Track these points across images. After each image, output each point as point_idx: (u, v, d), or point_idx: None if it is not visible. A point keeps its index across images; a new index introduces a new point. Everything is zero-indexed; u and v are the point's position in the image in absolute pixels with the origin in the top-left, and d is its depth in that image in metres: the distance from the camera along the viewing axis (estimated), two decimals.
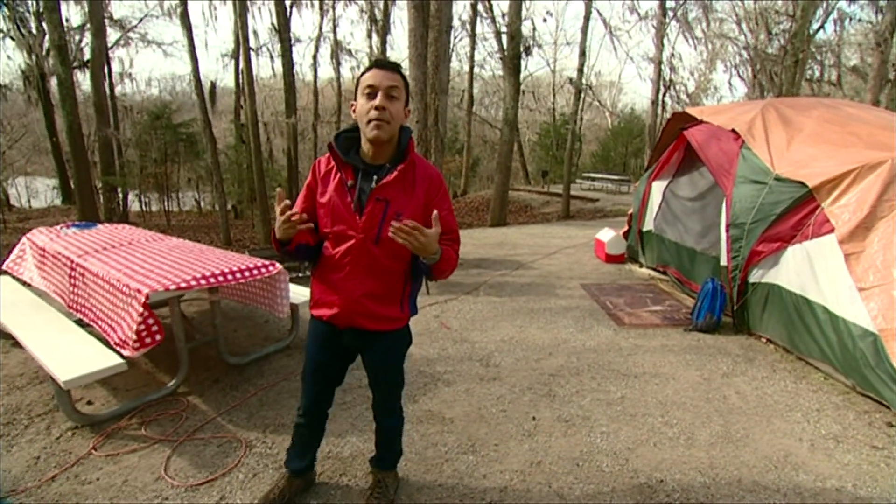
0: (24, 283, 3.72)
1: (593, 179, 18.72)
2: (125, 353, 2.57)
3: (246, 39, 8.88)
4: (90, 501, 2.02)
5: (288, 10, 12.64)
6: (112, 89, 15.47)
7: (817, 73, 15.82)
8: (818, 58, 15.33)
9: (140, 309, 2.47)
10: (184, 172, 15.75)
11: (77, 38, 15.35)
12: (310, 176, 1.64)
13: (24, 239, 3.83)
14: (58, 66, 11.49)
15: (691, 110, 4.82)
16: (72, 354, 2.49)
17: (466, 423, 2.58)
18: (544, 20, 28.11)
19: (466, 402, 2.80)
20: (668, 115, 21.78)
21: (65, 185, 19.12)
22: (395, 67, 1.53)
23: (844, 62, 15.20)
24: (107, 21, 14.85)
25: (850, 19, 15.43)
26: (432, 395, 2.88)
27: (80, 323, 3.06)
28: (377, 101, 1.46)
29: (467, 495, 2.05)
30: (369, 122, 1.48)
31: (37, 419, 2.62)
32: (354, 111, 1.54)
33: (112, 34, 16.20)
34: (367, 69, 1.54)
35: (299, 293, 3.45)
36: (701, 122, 4.55)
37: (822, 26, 15.87)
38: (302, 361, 3.25)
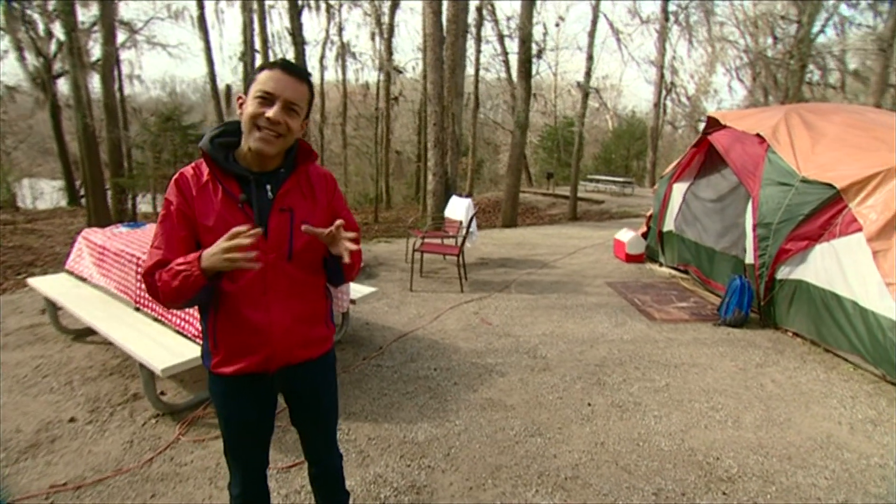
0: (81, 279, 3.86)
1: (597, 181, 18.95)
2: None
3: (265, 43, 9.02)
4: (192, 480, 2.17)
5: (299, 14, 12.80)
6: (122, 91, 15.58)
7: (817, 77, 16.12)
8: (819, 61, 15.64)
9: None
10: None
11: (84, 40, 15.46)
12: (175, 197, 1.26)
13: (79, 238, 3.96)
14: (73, 68, 11.61)
15: (716, 114, 5.02)
16: (158, 346, 2.64)
17: (527, 410, 2.76)
18: (556, 25, 28.17)
19: (523, 390, 2.98)
20: (668, 118, 21.98)
21: (71, 186, 19.19)
22: (305, 75, 1.27)
23: (846, 66, 15.51)
24: (116, 23, 14.97)
25: (850, 24, 15.77)
26: (489, 384, 3.05)
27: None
28: (272, 113, 1.20)
29: (543, 473, 2.22)
30: (258, 130, 1.22)
31: (118, 408, 2.77)
32: (241, 109, 1.26)
33: (119, 36, 16.31)
34: (268, 67, 1.24)
35: (355, 290, 3.63)
36: (725, 126, 4.76)
37: (822, 30, 16.21)
38: (355, 354, 3.41)
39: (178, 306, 1.26)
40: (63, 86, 16.98)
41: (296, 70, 1.25)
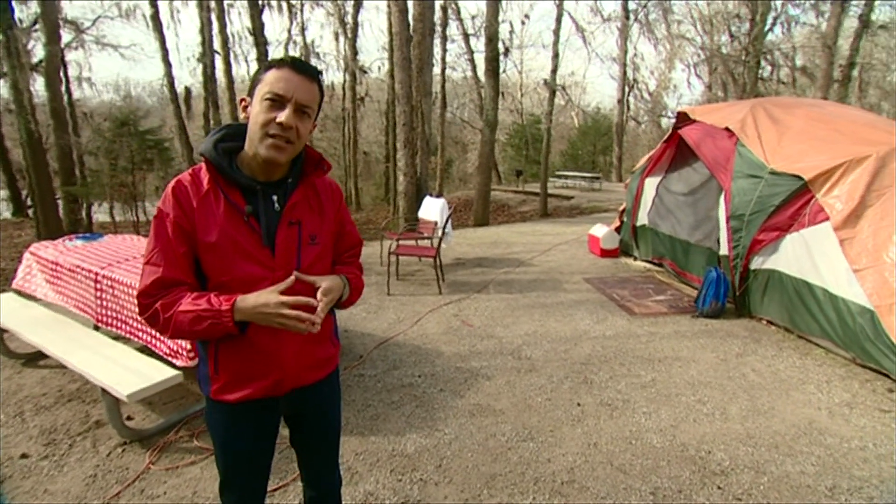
0: (31, 298, 3.57)
1: (566, 178, 19.22)
2: (178, 363, 2.54)
3: (225, 43, 8.67)
4: None
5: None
6: (70, 94, 14.68)
7: (769, 73, 16.89)
8: (769, 58, 16.39)
9: None
10: (150, 181, 15.12)
11: (24, 39, 14.47)
12: (173, 209, 1.13)
13: (27, 254, 3.66)
14: (12, 70, 10.86)
15: (686, 109, 5.12)
16: (123, 368, 2.44)
17: (517, 413, 2.70)
18: (522, 23, 28.73)
19: (510, 393, 2.92)
20: (631, 114, 22.59)
21: (15, 196, 17.98)
22: (316, 74, 1.17)
23: (794, 63, 16.31)
24: (60, 22, 14.08)
25: (796, 22, 16.60)
26: (476, 389, 2.98)
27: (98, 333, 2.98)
28: (284, 117, 1.10)
29: (539, 479, 2.17)
30: (267, 137, 1.11)
31: (78, 438, 2.55)
32: (246, 112, 1.17)
33: (65, 36, 15.36)
34: (277, 66, 1.13)
35: None
36: (694, 121, 4.86)
37: (771, 28, 17.00)
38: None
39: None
40: (2, 88, 15.88)
41: (307, 69, 1.15)
